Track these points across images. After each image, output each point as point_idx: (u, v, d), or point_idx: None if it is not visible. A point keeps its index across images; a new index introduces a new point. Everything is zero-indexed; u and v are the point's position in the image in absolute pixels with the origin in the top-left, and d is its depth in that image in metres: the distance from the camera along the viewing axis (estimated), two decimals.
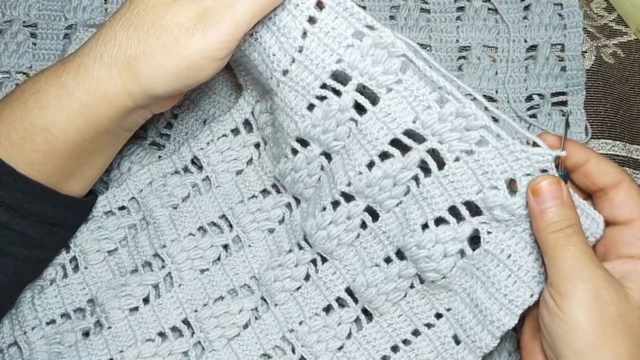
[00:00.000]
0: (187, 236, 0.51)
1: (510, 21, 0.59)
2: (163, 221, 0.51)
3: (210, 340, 0.49)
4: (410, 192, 0.44)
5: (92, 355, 0.48)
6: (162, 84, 0.42)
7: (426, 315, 0.47)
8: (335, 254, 0.48)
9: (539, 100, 0.58)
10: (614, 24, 0.61)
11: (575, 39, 0.59)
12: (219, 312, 0.49)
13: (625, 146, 0.58)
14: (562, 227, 0.39)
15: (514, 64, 0.59)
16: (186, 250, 0.50)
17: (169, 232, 0.50)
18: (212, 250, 0.51)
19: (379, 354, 0.48)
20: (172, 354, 0.49)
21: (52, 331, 0.50)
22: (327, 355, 0.48)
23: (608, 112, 0.58)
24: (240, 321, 0.50)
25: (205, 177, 0.52)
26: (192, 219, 0.51)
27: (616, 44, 0.61)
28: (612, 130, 0.58)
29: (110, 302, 0.49)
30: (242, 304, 0.50)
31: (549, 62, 0.58)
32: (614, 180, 0.42)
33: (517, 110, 0.57)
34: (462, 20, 0.60)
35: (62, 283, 0.51)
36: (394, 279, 0.46)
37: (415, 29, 0.59)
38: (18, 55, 0.58)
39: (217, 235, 0.51)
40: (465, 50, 0.59)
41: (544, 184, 0.39)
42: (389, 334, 0.48)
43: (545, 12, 0.59)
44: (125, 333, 0.49)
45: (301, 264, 0.49)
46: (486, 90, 0.58)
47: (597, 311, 0.37)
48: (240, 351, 0.49)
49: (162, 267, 0.51)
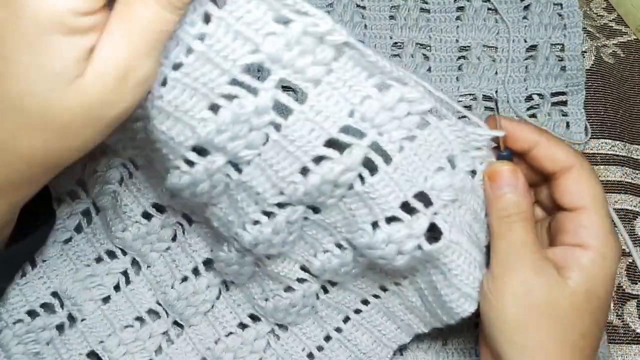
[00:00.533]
0: (133, 224, 0.48)
1: (510, 21, 0.59)
2: (110, 211, 0.49)
3: (185, 318, 0.49)
4: (353, 189, 0.38)
5: (72, 350, 0.48)
6: None
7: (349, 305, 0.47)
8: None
9: (539, 100, 0.58)
10: (614, 24, 0.61)
11: (575, 38, 0.59)
12: (186, 293, 0.49)
13: (625, 146, 0.58)
14: (509, 214, 0.39)
15: (513, 63, 0.58)
16: (141, 238, 0.48)
17: (117, 222, 0.48)
18: (166, 230, 0.49)
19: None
20: (153, 336, 0.49)
21: (22, 330, 0.48)
22: (301, 318, 0.49)
23: (608, 112, 0.58)
24: (210, 297, 0.49)
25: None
26: (134, 205, 0.47)
27: (616, 44, 0.61)
28: (612, 130, 0.58)
29: (80, 294, 0.49)
30: (207, 281, 0.49)
31: (549, 62, 0.58)
32: (564, 165, 0.40)
33: (517, 110, 0.57)
34: (462, 20, 0.60)
35: (22, 282, 0.49)
36: (345, 266, 0.43)
37: (414, 28, 0.59)
38: None
39: (166, 217, 0.48)
40: (465, 50, 0.59)
41: (500, 170, 0.40)
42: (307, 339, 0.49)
43: (545, 12, 0.59)
44: (101, 323, 0.49)
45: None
46: (486, 90, 0.58)
47: (525, 297, 0.38)
48: (217, 323, 0.49)
49: (125, 254, 0.50)
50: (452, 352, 0.51)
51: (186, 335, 0.49)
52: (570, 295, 0.38)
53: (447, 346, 0.52)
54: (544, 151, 0.41)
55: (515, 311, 0.38)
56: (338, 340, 0.49)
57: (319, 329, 0.49)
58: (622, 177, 0.57)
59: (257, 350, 0.49)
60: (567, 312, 0.38)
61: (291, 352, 0.49)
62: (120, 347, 0.48)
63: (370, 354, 0.49)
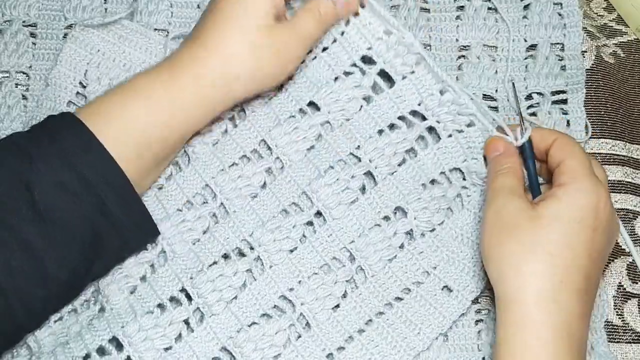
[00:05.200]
0: (174, 212, 0.53)
1: (510, 20, 0.59)
2: (151, 201, 0.52)
3: (209, 305, 0.50)
4: (405, 162, 0.54)
5: (95, 336, 0.49)
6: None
7: (414, 274, 0.52)
8: (335, 212, 0.52)
9: (539, 98, 0.58)
10: (614, 23, 0.61)
11: (574, 38, 0.59)
12: (213, 276, 0.50)
13: (625, 146, 0.58)
14: (495, 170, 0.50)
15: (513, 63, 0.59)
16: (175, 225, 0.52)
17: (158, 211, 0.52)
18: (201, 221, 0.52)
19: (373, 311, 0.51)
20: (173, 324, 0.50)
21: (59, 327, 0.50)
22: (324, 313, 0.50)
23: (608, 111, 0.58)
24: (236, 283, 0.51)
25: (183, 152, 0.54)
26: (179, 195, 0.53)
27: (616, 43, 0.61)
28: (612, 129, 0.58)
29: (109, 286, 0.50)
30: (236, 267, 0.51)
31: (549, 61, 0.58)
32: (547, 143, 0.50)
33: (517, 108, 0.57)
34: (462, 19, 0.60)
35: None
36: (389, 238, 0.52)
37: (415, 28, 0.59)
38: (18, 55, 0.58)
39: (203, 205, 0.53)
40: (465, 49, 0.59)
41: (488, 142, 0.52)
42: (381, 294, 0.51)
43: (545, 11, 0.59)
44: (125, 311, 0.50)
45: (298, 224, 0.52)
46: (486, 90, 0.58)
47: (496, 221, 0.47)
48: (240, 313, 0.50)
49: (155, 245, 0.52)
50: (454, 348, 0.51)
51: (207, 324, 0.50)
52: (536, 218, 0.45)
53: (449, 342, 0.52)
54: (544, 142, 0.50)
55: (489, 233, 0.47)
56: (359, 342, 0.50)
57: (341, 331, 0.50)
58: (623, 177, 0.57)
59: (278, 344, 0.50)
60: (532, 232, 0.44)
61: (311, 350, 0.50)
62: (140, 333, 0.49)
63: (389, 358, 0.50)
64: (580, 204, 0.45)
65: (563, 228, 0.44)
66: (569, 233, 0.44)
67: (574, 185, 0.46)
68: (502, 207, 0.47)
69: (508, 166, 0.49)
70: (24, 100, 0.58)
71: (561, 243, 0.44)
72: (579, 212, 0.45)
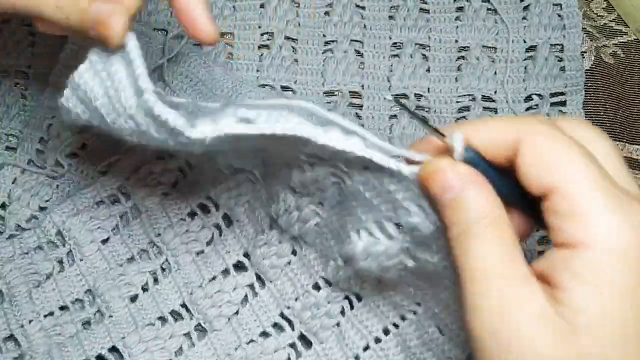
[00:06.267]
0: (178, 221, 0.52)
1: (510, 21, 0.59)
2: (155, 209, 0.52)
3: (209, 320, 0.50)
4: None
5: (95, 343, 0.49)
6: None
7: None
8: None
9: (538, 100, 0.58)
10: (614, 24, 0.61)
11: (574, 39, 0.59)
12: (212, 291, 0.50)
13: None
14: (471, 226, 0.29)
15: (513, 64, 0.58)
16: (179, 236, 0.51)
17: (162, 219, 0.52)
18: (204, 232, 0.52)
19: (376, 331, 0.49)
20: (173, 337, 0.50)
21: (50, 323, 0.50)
22: (326, 332, 0.49)
23: (608, 112, 0.58)
24: (236, 299, 0.50)
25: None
26: (183, 204, 0.52)
27: (616, 44, 0.61)
28: (612, 130, 0.58)
29: (110, 292, 0.50)
30: (235, 282, 0.51)
31: (548, 62, 0.58)
32: (507, 145, 0.30)
33: (516, 110, 0.57)
34: (461, 20, 0.60)
35: (59, 277, 0.51)
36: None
37: (414, 29, 0.59)
38: (17, 54, 0.58)
39: (207, 216, 0.52)
40: (464, 50, 0.59)
41: (436, 169, 0.30)
42: (379, 317, 0.49)
43: (545, 12, 0.59)
44: (126, 320, 0.50)
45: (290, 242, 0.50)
46: (485, 91, 0.58)
47: (492, 338, 0.27)
48: (240, 330, 0.50)
49: (158, 254, 0.52)
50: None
51: (208, 339, 0.50)
52: (567, 333, 0.26)
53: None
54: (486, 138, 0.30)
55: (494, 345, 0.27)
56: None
57: (340, 353, 0.49)
58: None
59: None
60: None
61: None
62: (140, 345, 0.49)
63: None
64: (630, 268, 0.26)
65: (613, 329, 0.26)
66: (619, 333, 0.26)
67: (601, 246, 0.26)
68: (499, 317, 0.27)
69: (486, 218, 0.28)
70: (23, 99, 0.58)
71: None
72: (632, 291, 0.26)
